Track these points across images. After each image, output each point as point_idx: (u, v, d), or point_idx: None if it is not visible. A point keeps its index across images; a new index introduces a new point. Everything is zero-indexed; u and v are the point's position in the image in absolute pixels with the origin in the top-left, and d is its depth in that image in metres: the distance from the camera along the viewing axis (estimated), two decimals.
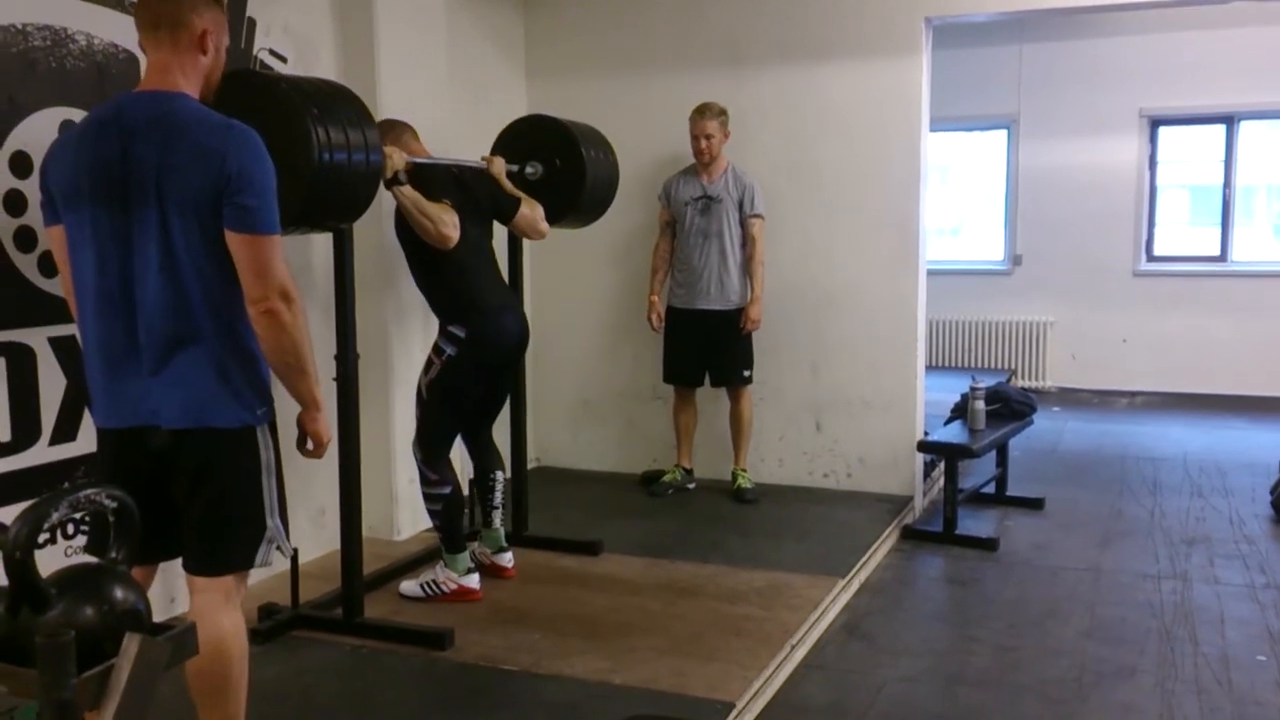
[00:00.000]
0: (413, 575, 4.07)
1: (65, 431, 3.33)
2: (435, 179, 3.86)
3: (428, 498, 3.98)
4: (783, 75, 5.45)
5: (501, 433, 4.60)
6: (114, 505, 1.61)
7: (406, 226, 3.83)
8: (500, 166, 4.19)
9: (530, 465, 4.76)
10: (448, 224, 3.72)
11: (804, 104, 5.43)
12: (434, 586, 3.96)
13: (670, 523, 5.03)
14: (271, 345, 2.38)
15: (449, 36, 4.83)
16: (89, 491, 1.58)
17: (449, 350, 3.88)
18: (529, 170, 4.43)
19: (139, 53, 3.45)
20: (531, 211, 4.19)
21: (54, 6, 3.25)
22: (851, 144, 5.36)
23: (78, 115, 3.30)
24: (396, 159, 3.63)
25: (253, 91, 3.10)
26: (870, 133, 5.32)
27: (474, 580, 3.98)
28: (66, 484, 3.26)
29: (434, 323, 4.79)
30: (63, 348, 3.30)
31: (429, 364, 3.94)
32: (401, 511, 4.66)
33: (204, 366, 2.33)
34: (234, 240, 2.29)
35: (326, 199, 3.18)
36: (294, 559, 3.37)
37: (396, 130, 3.92)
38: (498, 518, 4.23)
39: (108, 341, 2.36)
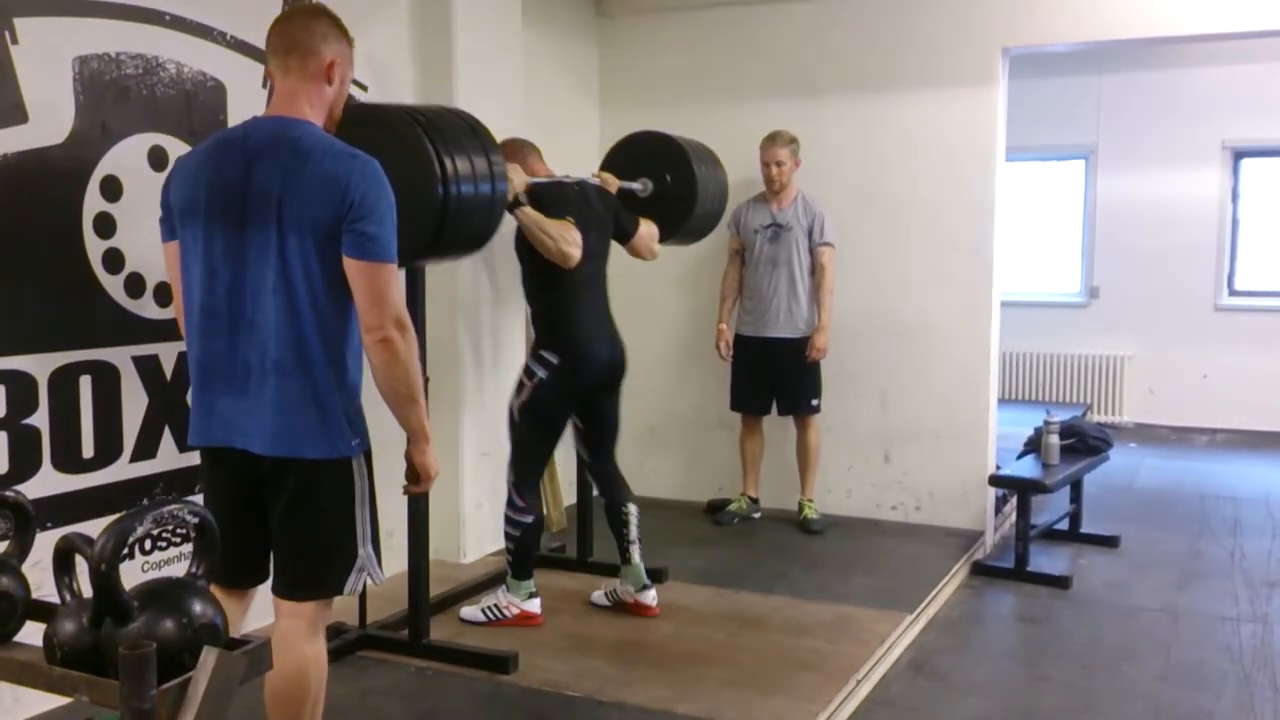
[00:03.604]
0: (472, 601, 4.08)
1: (146, 449, 3.42)
2: (558, 197, 3.86)
3: (510, 521, 3.95)
4: (858, 104, 5.45)
5: (567, 460, 4.62)
6: (195, 521, 1.65)
7: (524, 245, 3.85)
8: (614, 184, 4.21)
9: (596, 492, 4.77)
10: (569, 241, 3.73)
11: (879, 133, 5.42)
12: (496, 611, 3.96)
13: (736, 552, 5.01)
14: (384, 374, 2.38)
15: (525, 67, 4.90)
16: (172, 507, 1.62)
17: (540, 373, 3.88)
18: (638, 186, 4.43)
19: (226, 81, 3.59)
20: (649, 231, 4.21)
21: (146, 36, 3.36)
22: (926, 173, 5.33)
23: (167, 141, 3.41)
24: (517, 181, 3.63)
25: (375, 126, 3.14)
26: (945, 162, 5.29)
27: (535, 605, 3.98)
28: (145, 500, 3.35)
29: (502, 346, 4.85)
30: (146, 367, 3.40)
31: (520, 386, 3.94)
32: (468, 535, 4.70)
33: (306, 395, 2.34)
34: (351, 267, 2.30)
35: (456, 232, 3.20)
36: None
37: (523, 151, 3.95)
38: (637, 552, 4.11)
39: (209, 359, 2.39)
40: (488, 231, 3.36)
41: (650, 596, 4.14)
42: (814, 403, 5.35)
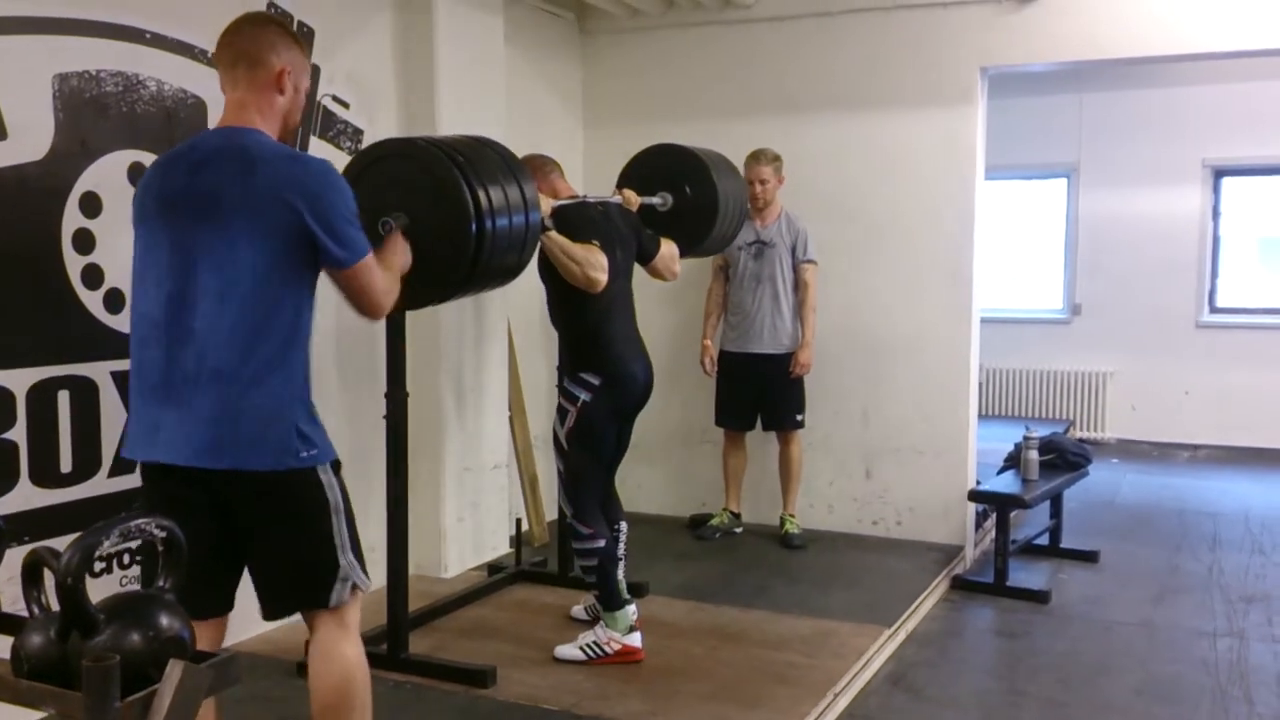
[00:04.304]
0: (569, 640, 3.87)
1: (125, 464, 3.40)
2: (582, 219, 3.79)
3: (581, 554, 3.82)
4: (838, 123, 5.49)
5: (549, 474, 4.62)
6: (163, 535, 1.66)
7: (550, 268, 3.77)
8: (634, 201, 4.15)
9: None
10: (595, 267, 3.66)
11: (859, 152, 5.46)
12: (596, 649, 3.77)
13: (716, 567, 5.02)
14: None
15: (508, 84, 4.94)
16: (139, 521, 1.63)
17: (583, 396, 3.78)
18: (658, 201, 4.38)
19: (206, 98, 3.61)
20: (669, 251, 4.15)
21: (126, 54, 3.38)
22: (906, 191, 5.37)
23: (147, 158, 3.42)
24: (544, 207, 3.55)
25: (407, 160, 3.14)
26: (925, 180, 5.33)
27: (637, 639, 3.80)
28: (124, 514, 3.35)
29: (484, 361, 4.86)
30: (123, 382, 3.39)
31: (563, 412, 3.82)
32: (449, 549, 4.70)
33: (247, 405, 2.28)
34: (335, 276, 2.39)
35: (490, 267, 3.18)
36: None
37: (545, 169, 3.88)
38: (620, 569, 4.07)
39: (148, 369, 2.33)
40: (522, 264, 3.35)
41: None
42: (798, 418, 5.38)
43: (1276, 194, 8.55)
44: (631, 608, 3.86)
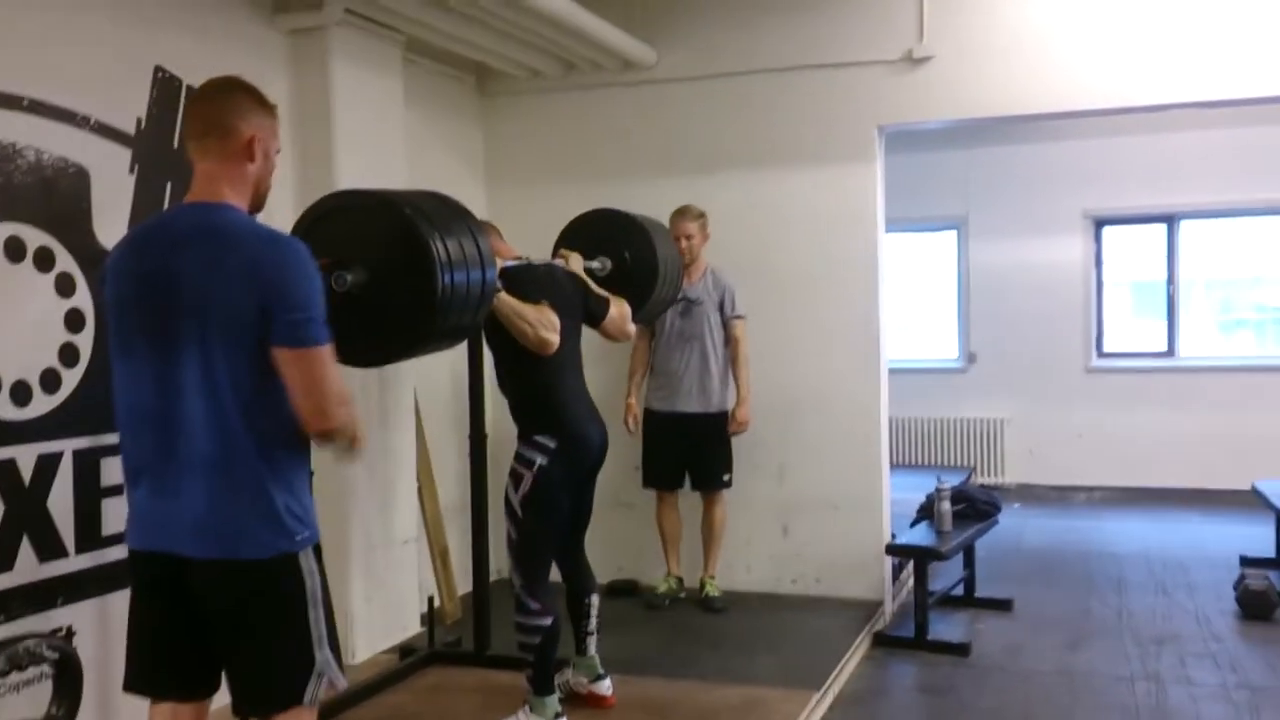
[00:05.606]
0: None
1: (2, 561, 3.15)
2: (531, 280, 3.71)
3: (523, 629, 3.64)
4: (742, 182, 5.51)
5: (462, 545, 4.45)
6: (55, 657, 1.50)
7: (499, 331, 3.64)
8: (578, 263, 4.07)
9: (493, 578, 4.60)
10: (548, 327, 3.57)
11: (765, 209, 5.48)
12: None
13: (638, 636, 4.87)
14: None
15: (408, 147, 4.82)
16: (28, 643, 1.47)
17: (539, 459, 3.63)
18: (597, 265, 4.31)
19: (89, 166, 3.42)
20: (620, 311, 4.04)
21: (2, 122, 3.18)
22: (812, 247, 5.40)
23: (25, 230, 3.23)
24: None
25: (358, 214, 3.02)
26: (830, 236, 5.37)
27: None
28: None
29: (391, 432, 4.69)
30: (1, 471, 3.14)
31: (518, 477, 3.66)
32: (356, 632, 4.48)
33: (238, 492, 2.24)
34: (283, 357, 2.22)
35: (445, 325, 3.08)
36: None
37: (485, 232, 3.80)
38: (593, 644, 3.95)
39: (139, 459, 2.30)
40: (475, 324, 3.23)
41: (605, 686, 3.97)
42: (726, 478, 5.29)
43: (1148, 240, 8.89)
44: (555, 697, 3.68)
